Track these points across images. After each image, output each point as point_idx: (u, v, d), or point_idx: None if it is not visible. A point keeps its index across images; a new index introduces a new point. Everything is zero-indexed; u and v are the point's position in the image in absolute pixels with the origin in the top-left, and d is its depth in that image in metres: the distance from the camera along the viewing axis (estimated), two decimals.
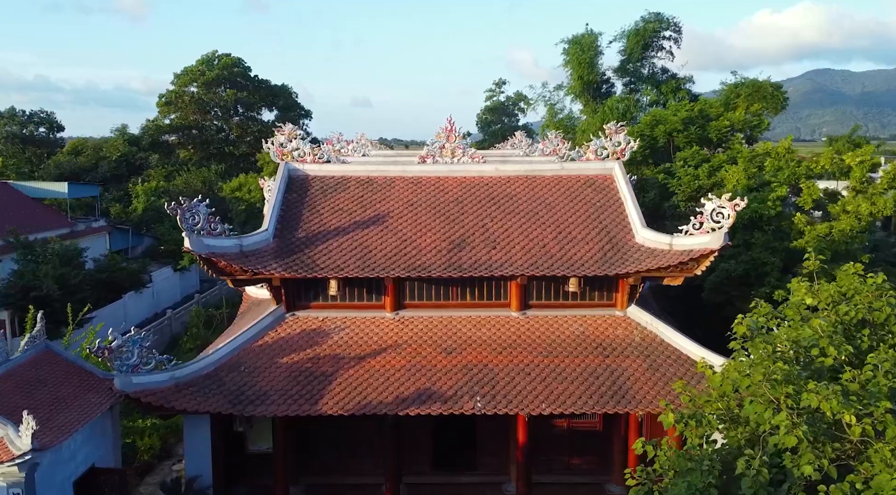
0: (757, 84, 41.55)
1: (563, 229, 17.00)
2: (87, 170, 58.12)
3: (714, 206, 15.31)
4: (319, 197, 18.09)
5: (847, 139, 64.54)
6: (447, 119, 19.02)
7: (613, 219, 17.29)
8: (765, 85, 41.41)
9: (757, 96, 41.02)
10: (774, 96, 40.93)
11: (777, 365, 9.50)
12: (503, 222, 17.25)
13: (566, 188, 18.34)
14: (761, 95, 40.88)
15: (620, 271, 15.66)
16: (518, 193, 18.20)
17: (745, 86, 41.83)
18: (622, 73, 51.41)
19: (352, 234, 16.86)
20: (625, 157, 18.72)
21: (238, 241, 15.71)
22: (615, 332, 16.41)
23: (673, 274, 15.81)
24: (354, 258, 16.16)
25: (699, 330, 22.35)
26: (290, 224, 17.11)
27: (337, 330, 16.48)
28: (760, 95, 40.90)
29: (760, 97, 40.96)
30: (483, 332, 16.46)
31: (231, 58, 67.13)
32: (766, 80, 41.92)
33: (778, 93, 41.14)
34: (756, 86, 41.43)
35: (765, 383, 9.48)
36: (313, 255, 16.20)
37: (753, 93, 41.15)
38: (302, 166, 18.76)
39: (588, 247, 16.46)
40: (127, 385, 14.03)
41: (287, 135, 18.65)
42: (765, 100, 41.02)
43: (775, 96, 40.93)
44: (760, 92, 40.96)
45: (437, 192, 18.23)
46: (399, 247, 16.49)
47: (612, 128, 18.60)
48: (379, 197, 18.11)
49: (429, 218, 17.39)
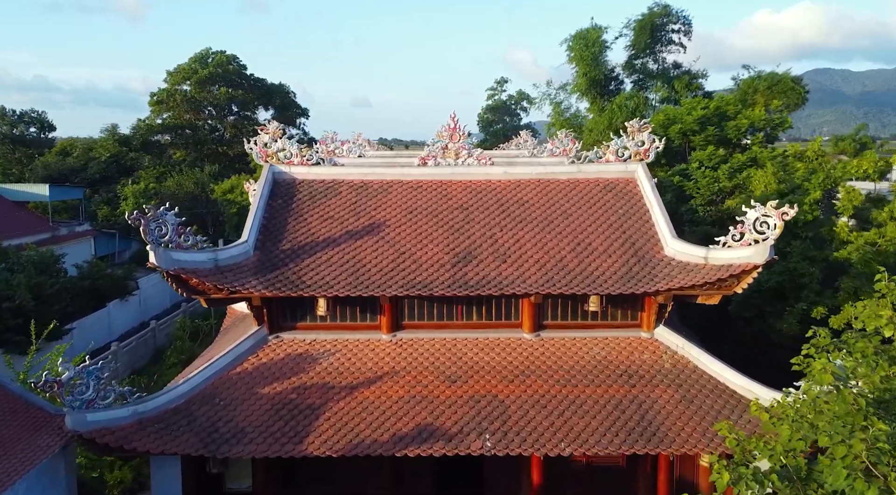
0: (775, 77, 39.54)
1: (582, 240, 15.06)
2: (76, 171, 56.18)
3: (758, 215, 13.36)
4: (307, 203, 16.15)
5: (853, 138, 62.55)
6: (450, 116, 17.10)
7: (638, 228, 15.35)
8: (784, 78, 39.38)
9: (776, 91, 39.02)
10: (795, 90, 38.93)
11: (873, 423, 7.60)
12: (514, 232, 15.31)
13: (584, 193, 16.40)
14: (780, 89, 38.89)
15: (649, 289, 13.71)
16: (530, 199, 16.26)
17: (763, 79, 39.84)
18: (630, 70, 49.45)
19: (343, 246, 14.92)
20: (649, 158, 16.78)
21: (213, 255, 13.77)
22: (641, 357, 14.47)
23: (709, 292, 13.86)
24: (346, 273, 14.22)
25: (726, 345, 20.43)
26: (273, 234, 15.18)
27: (326, 354, 14.54)
28: (779, 89, 38.90)
29: (779, 92, 38.97)
30: (492, 357, 14.53)
31: (225, 55, 65.23)
32: (785, 73, 39.92)
33: (798, 86, 39.13)
34: (774, 79, 39.43)
35: (853, 444, 7.58)
36: (299, 270, 14.26)
37: (772, 86, 39.16)
38: (288, 169, 16.82)
39: (611, 260, 14.51)
40: (80, 423, 12.09)
41: (272, 135, 16.71)
42: (784, 94, 39.04)
43: (795, 90, 38.93)
44: (779, 86, 38.97)
45: (440, 198, 16.29)
46: (396, 261, 14.56)
47: (635, 126, 16.65)
48: (374, 203, 16.17)
49: (430, 227, 15.46)
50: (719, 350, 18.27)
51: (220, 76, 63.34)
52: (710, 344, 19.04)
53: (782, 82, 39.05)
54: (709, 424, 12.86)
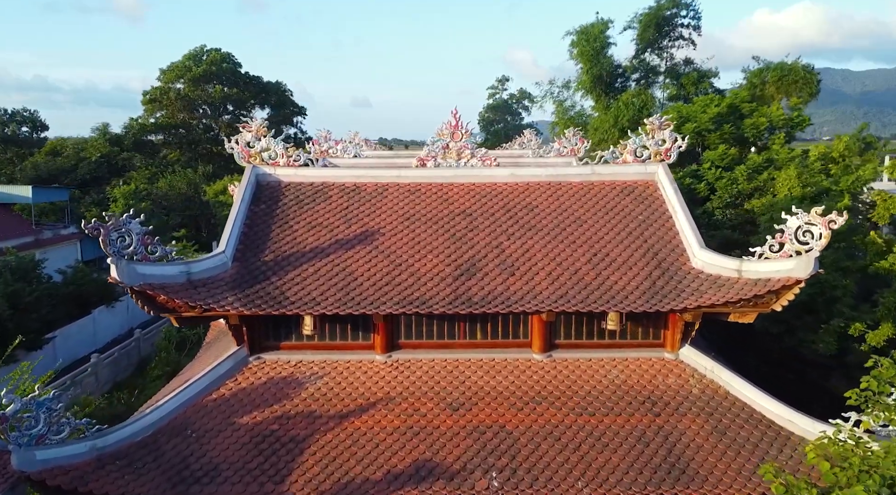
0: (785, 67, 37.77)
1: (599, 250, 13.53)
2: (66, 171, 54.73)
3: (800, 223, 11.82)
4: (294, 209, 14.62)
5: (856, 138, 60.42)
6: (452, 112, 15.57)
7: (661, 236, 13.81)
8: (794, 68, 37.59)
9: (786, 82, 37.32)
10: (806, 81, 37.18)
11: None
12: (522, 241, 13.78)
13: (599, 197, 14.87)
14: (791, 80, 37.15)
15: (676, 306, 12.17)
16: (540, 204, 14.73)
17: (773, 70, 38.09)
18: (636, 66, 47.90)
19: (333, 257, 13.39)
20: (670, 159, 15.24)
21: (184, 268, 12.23)
22: (666, 381, 12.94)
23: (742, 309, 12.32)
24: (335, 288, 12.68)
25: (750, 361, 18.91)
26: (254, 243, 13.64)
27: (313, 378, 13.01)
28: (790, 80, 37.17)
29: (790, 82, 37.25)
30: (498, 381, 13.00)
31: (220, 53, 63.75)
32: (795, 63, 38.19)
33: (811, 76, 37.35)
34: (784, 70, 37.65)
35: None
36: (283, 285, 12.72)
37: (782, 78, 37.46)
38: (273, 171, 15.28)
39: (631, 273, 12.98)
40: (28, 462, 10.54)
41: (255, 132, 15.16)
42: (795, 85, 37.31)
43: (808, 81, 37.18)
44: (790, 76, 37.23)
45: (440, 203, 14.76)
46: (392, 274, 13.02)
47: (655, 123, 15.11)
48: (368, 209, 14.64)
49: (430, 235, 13.93)
50: (743, 366, 16.76)
51: (214, 74, 61.89)
52: (733, 360, 17.53)
53: (792, 73, 37.33)
54: (745, 460, 11.33)
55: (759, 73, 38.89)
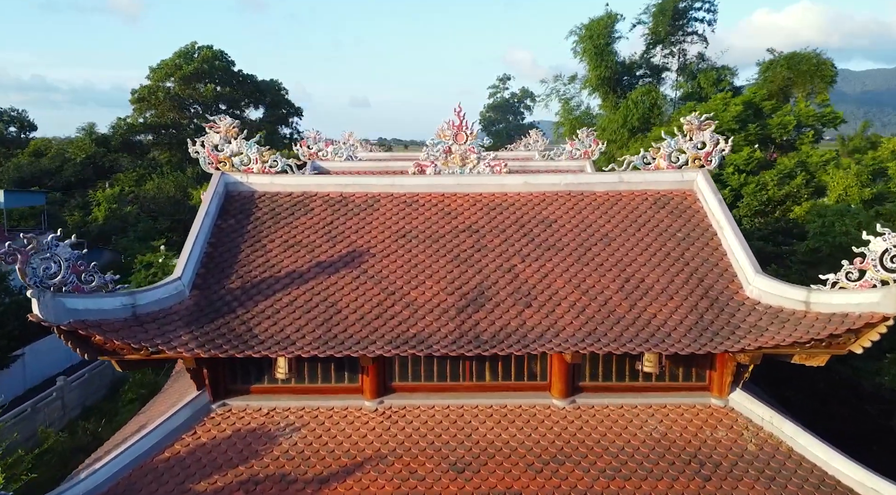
0: (797, 57, 35.44)
1: (632, 274, 11.30)
2: (50, 173, 52.47)
3: (887, 246, 9.58)
4: (269, 224, 12.38)
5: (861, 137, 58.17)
6: (455, 110, 13.33)
7: (706, 258, 11.58)
8: (806, 57, 35.22)
9: (798, 72, 35.01)
10: (821, 71, 34.87)
11: None
12: (540, 263, 11.55)
13: (629, 210, 12.64)
14: (803, 70, 34.84)
15: (732, 347, 9.93)
16: (559, 218, 12.50)
17: (784, 59, 35.74)
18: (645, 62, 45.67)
19: (313, 283, 11.16)
20: (711, 165, 13.01)
21: (129, 300, 9.99)
22: (715, 435, 10.69)
23: (813, 350, 10.08)
24: (314, 323, 10.44)
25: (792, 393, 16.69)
26: (219, 267, 11.41)
27: (288, 430, 10.77)
28: (802, 70, 34.85)
29: (802, 73, 34.94)
30: (511, 433, 10.76)
31: (212, 50, 61.44)
32: (807, 52, 35.85)
33: (825, 65, 35.02)
34: (795, 60, 35.32)
35: None
36: (252, 318, 10.48)
37: (792, 67, 35.19)
38: (245, 178, 13.06)
39: (673, 303, 10.74)
40: None
41: (224, 133, 12.93)
42: (807, 76, 35.00)
43: (821, 70, 34.86)
44: (801, 66, 34.93)
45: (442, 217, 12.53)
46: (383, 305, 10.78)
47: (694, 123, 12.88)
48: (356, 224, 12.41)
49: (429, 257, 11.70)
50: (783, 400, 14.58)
51: (206, 72, 59.62)
52: (772, 392, 15.30)
53: (805, 61, 35.02)
54: None
55: (772, 66, 36.69)
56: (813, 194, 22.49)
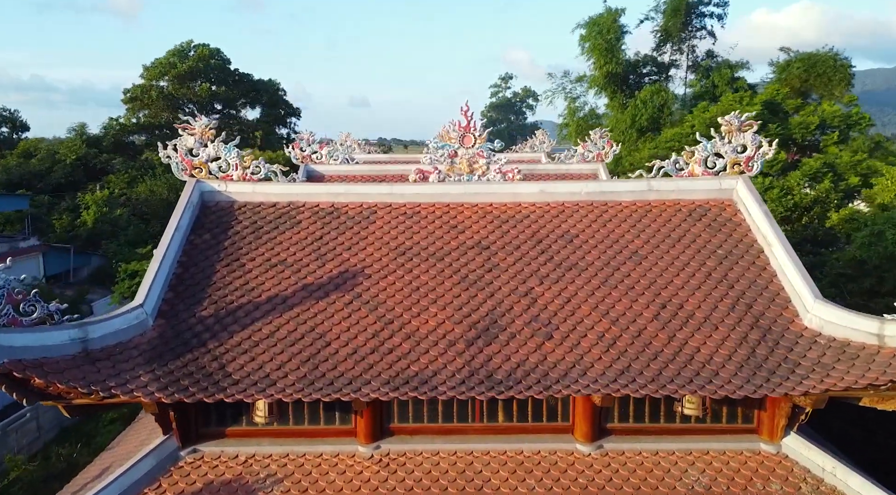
0: (813, 58, 34.00)
1: (668, 299, 9.75)
2: (40, 175, 50.87)
3: None
4: (249, 239, 10.84)
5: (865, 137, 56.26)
6: (462, 109, 11.80)
7: (752, 279, 10.02)
8: (823, 58, 33.77)
9: (814, 74, 33.55)
10: (838, 72, 33.37)
11: None
12: (561, 285, 10.00)
13: (660, 223, 11.10)
14: (818, 72, 33.37)
15: (794, 391, 8.37)
16: (581, 232, 10.95)
17: (800, 61, 34.28)
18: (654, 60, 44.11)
19: (298, 310, 9.62)
20: (752, 171, 11.47)
21: (79, 334, 8.44)
22: (767, 489, 9.13)
23: (889, 393, 8.52)
24: (299, 359, 8.90)
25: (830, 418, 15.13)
26: (190, 291, 9.87)
27: (269, 482, 9.21)
28: (817, 72, 33.39)
29: (817, 75, 33.48)
30: (529, 485, 9.21)
31: (208, 48, 59.91)
32: (824, 53, 34.38)
33: (843, 66, 33.51)
34: (812, 60, 33.88)
35: None
36: (225, 353, 8.94)
37: (808, 69, 33.70)
38: (224, 187, 11.52)
39: (718, 334, 9.19)
40: None
41: (199, 135, 11.39)
42: (823, 79, 33.53)
43: (839, 72, 33.37)
44: (817, 67, 33.45)
45: (447, 232, 10.99)
46: (380, 336, 9.24)
47: (734, 123, 11.33)
48: (349, 240, 10.86)
49: (433, 278, 10.15)
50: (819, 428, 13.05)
51: (201, 71, 58.11)
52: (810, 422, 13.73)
53: (822, 62, 33.55)
54: None
55: (786, 66, 35.19)
56: (843, 198, 20.99)
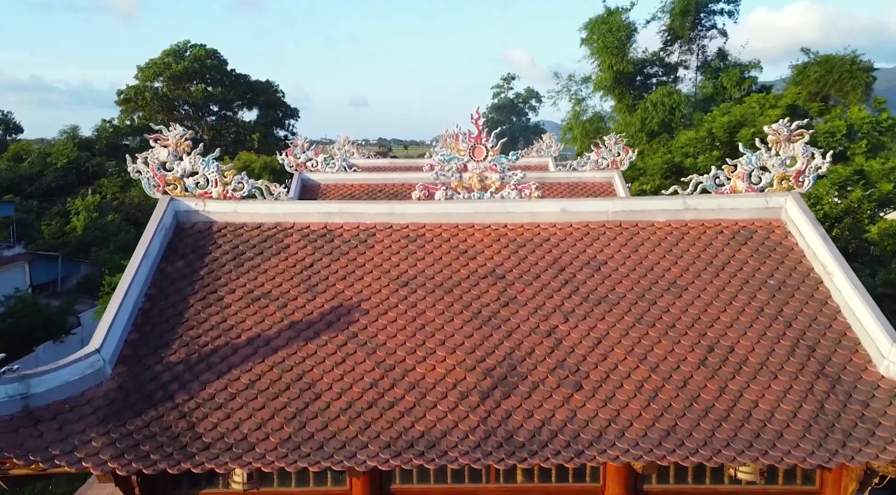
0: (831, 61, 32.49)
1: (716, 340, 8.35)
2: (30, 179, 49.54)
3: None
4: (229, 268, 9.45)
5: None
6: (472, 116, 10.42)
7: (812, 316, 8.63)
8: (840, 62, 32.24)
9: (831, 81, 32.08)
10: (855, 76, 31.85)
11: None
12: (590, 323, 8.61)
13: (700, 248, 9.70)
14: (835, 79, 31.88)
15: (879, 459, 6.98)
16: (610, 258, 9.56)
17: (815, 64, 32.79)
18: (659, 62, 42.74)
19: (283, 354, 8.22)
20: (803, 187, 10.09)
21: (18, 389, 7.06)
22: None
23: None
24: (284, 416, 7.50)
25: None
26: (158, 330, 8.48)
27: None
28: (834, 79, 31.91)
29: (834, 82, 32.02)
30: None
31: (204, 49, 58.56)
32: (843, 56, 32.87)
33: (860, 72, 31.99)
34: (830, 64, 32.37)
35: None
36: (196, 409, 7.55)
37: (826, 74, 32.24)
38: (202, 206, 10.13)
39: (778, 385, 7.79)
40: None
41: (174, 147, 10.00)
42: (840, 84, 32.06)
43: (856, 76, 31.85)
44: (833, 74, 31.96)
45: (456, 258, 9.60)
46: (379, 387, 7.85)
47: (781, 133, 9.95)
48: (344, 268, 9.47)
49: (440, 313, 8.76)
50: None
51: (196, 72, 56.74)
52: None
53: (839, 65, 32.06)
54: None
55: (804, 69, 33.76)
56: (877, 207, 19.62)
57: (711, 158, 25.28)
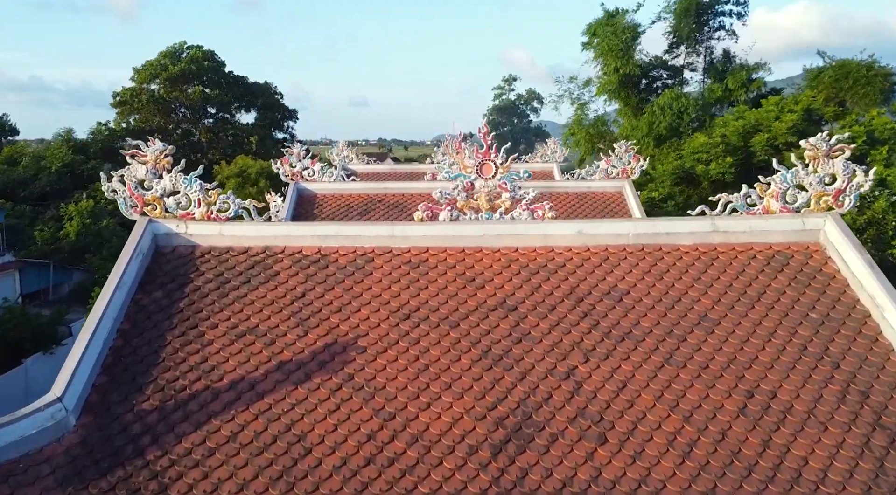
0: (847, 66, 31.57)
1: (755, 385, 7.44)
2: (24, 182, 48.68)
3: None
4: (212, 298, 8.55)
5: None
6: (480, 129, 9.54)
7: (862, 357, 7.72)
8: (856, 67, 31.32)
9: (845, 86, 31.19)
10: (872, 82, 30.90)
11: None
12: (613, 363, 7.71)
13: (731, 275, 8.80)
14: (849, 85, 30.98)
15: None
16: (633, 288, 8.66)
17: (830, 69, 31.87)
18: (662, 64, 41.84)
19: (270, 400, 7.33)
20: (844, 208, 9.20)
21: None
22: None
23: None
24: (270, 474, 6.60)
25: None
26: (130, 372, 7.58)
27: None
28: (847, 85, 31.00)
29: (848, 88, 31.13)
30: None
31: (202, 50, 57.70)
32: (859, 61, 31.94)
33: (875, 78, 31.01)
34: (846, 69, 31.45)
35: None
36: (169, 467, 6.65)
37: (841, 79, 31.32)
38: (183, 228, 9.24)
39: (829, 438, 6.89)
40: None
41: (151, 164, 9.12)
42: (854, 91, 31.15)
43: (873, 82, 30.90)
44: (851, 76, 31.04)
45: (462, 287, 8.70)
46: (378, 439, 6.95)
47: (820, 147, 9.06)
48: (339, 298, 8.57)
49: (445, 352, 7.86)
50: None
51: (193, 73, 55.87)
52: None
53: (852, 73, 31.15)
54: None
55: (818, 74, 32.81)
56: None
57: (724, 165, 24.41)
